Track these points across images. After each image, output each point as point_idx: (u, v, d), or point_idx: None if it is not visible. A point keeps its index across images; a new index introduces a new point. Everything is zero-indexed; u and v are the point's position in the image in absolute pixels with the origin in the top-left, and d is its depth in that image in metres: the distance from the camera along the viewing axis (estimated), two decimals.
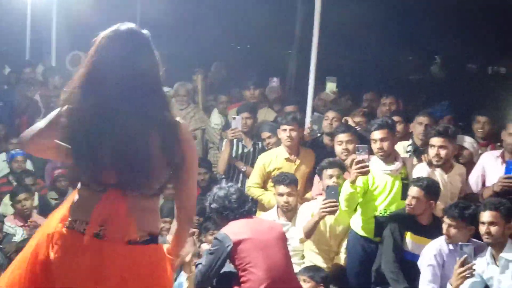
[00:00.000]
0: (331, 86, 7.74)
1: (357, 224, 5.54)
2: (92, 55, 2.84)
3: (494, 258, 4.86)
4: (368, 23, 10.92)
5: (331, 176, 5.52)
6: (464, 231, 4.95)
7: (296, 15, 10.01)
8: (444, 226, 5.00)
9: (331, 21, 8.21)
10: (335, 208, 5.21)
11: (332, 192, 5.21)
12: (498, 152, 5.86)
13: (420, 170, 5.50)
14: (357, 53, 10.86)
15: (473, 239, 5.00)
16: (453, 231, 4.95)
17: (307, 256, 5.68)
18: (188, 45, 10.54)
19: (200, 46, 10.55)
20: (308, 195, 6.13)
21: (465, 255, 4.65)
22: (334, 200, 5.20)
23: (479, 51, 12.27)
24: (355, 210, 5.54)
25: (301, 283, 5.07)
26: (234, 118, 6.74)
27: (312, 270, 5.17)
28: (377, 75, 11.44)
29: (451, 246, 5.00)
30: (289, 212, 5.71)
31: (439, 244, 5.05)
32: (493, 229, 4.78)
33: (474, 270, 4.68)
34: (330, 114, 6.63)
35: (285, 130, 6.19)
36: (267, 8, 10.67)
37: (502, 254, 4.81)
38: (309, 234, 5.40)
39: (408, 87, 11.46)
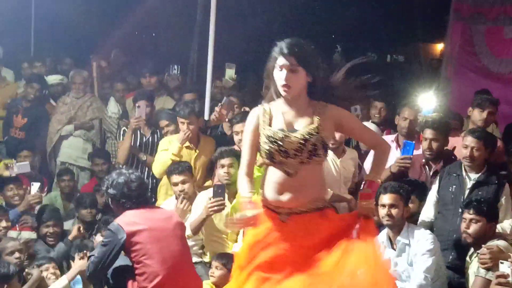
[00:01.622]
0: (230, 73, 7.68)
1: None
2: None
3: (391, 241, 4.94)
4: (267, 11, 10.93)
5: (222, 166, 5.47)
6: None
7: (197, 3, 9.89)
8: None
9: (230, 9, 8.17)
10: (221, 207, 5.16)
11: (219, 191, 5.16)
12: (392, 137, 6.00)
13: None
14: (257, 41, 10.82)
15: None
16: None
17: (206, 245, 5.60)
18: (88, 32, 10.23)
19: (100, 33, 10.25)
20: (208, 183, 6.04)
21: None
22: (221, 198, 5.16)
23: (378, 40, 12.51)
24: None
25: (214, 270, 5.07)
26: (138, 106, 6.58)
27: (225, 258, 5.08)
28: None
29: None
30: (188, 200, 5.60)
31: None
32: (394, 211, 4.87)
33: None
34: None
35: (182, 123, 6.10)
36: None
37: (399, 237, 4.89)
38: (196, 230, 5.35)
39: None
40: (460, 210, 5.06)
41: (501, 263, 4.34)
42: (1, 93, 8.22)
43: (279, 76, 3.51)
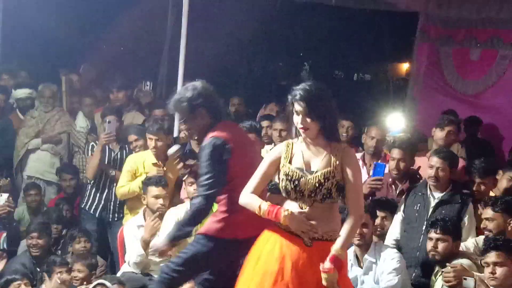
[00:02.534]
0: None
1: None
2: None
3: (358, 259, 4.98)
4: (238, 29, 10.98)
5: (191, 184, 5.47)
6: None
7: (167, 18, 9.90)
8: None
9: (200, 25, 8.20)
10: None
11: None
12: (359, 155, 6.05)
13: None
14: (228, 57, 10.89)
15: None
16: None
17: None
18: (58, 46, 10.17)
19: (70, 47, 10.21)
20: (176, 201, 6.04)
21: None
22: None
23: (346, 58, 12.65)
24: None
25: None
26: (108, 122, 6.55)
27: None
28: (247, 81, 11.56)
29: None
30: (160, 216, 5.58)
31: None
32: (366, 230, 4.91)
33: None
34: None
35: (151, 139, 6.10)
36: (141, 11, 10.50)
37: (366, 256, 4.94)
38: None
39: (279, 92, 11.64)
40: (423, 228, 5.14)
41: (465, 279, 4.42)
42: None
43: (296, 120, 3.76)
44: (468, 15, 8.35)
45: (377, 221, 5.34)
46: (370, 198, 5.52)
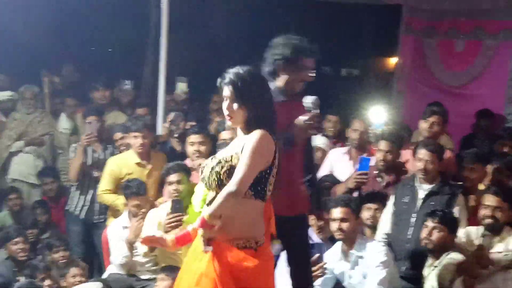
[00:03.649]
0: (182, 86, 7.66)
1: None
2: None
3: (345, 254, 4.93)
4: (220, 25, 10.92)
5: (170, 183, 5.41)
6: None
7: (149, 17, 9.84)
8: (314, 221, 5.04)
9: (182, 22, 8.14)
10: (179, 223, 5.05)
11: (178, 206, 5.09)
12: (345, 149, 6.05)
13: None
14: (210, 54, 10.82)
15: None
16: (324, 224, 5.05)
17: (160, 262, 5.51)
18: (39, 47, 10.07)
19: (51, 48, 10.11)
20: (160, 200, 5.97)
21: (317, 254, 4.70)
22: (180, 213, 5.08)
23: (332, 54, 12.60)
24: None
25: (159, 282, 5.01)
26: (89, 122, 6.49)
27: (170, 269, 5.03)
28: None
29: (316, 240, 5.09)
30: (142, 218, 5.52)
31: None
32: (345, 225, 4.87)
33: (326, 269, 4.75)
34: (172, 116, 6.54)
35: (136, 137, 6.02)
36: (122, 11, 10.44)
37: (352, 251, 4.91)
38: (152, 247, 5.24)
39: None
40: (412, 221, 5.11)
41: None
42: None
43: (223, 105, 3.49)
44: (451, 6, 8.35)
45: (370, 213, 5.35)
46: (358, 192, 5.47)
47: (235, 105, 3.41)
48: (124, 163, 6.08)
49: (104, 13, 10.32)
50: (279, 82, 4.08)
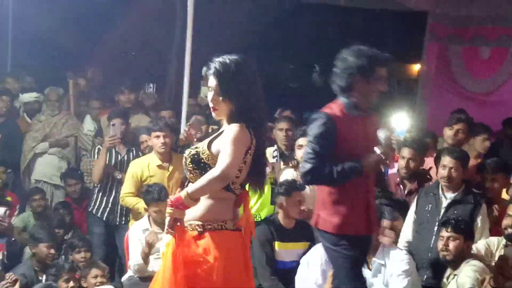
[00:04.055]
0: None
1: None
2: None
3: (367, 262, 4.90)
4: (245, 30, 10.93)
5: None
6: None
7: (175, 21, 9.89)
8: None
9: (207, 27, 8.15)
10: None
11: None
12: None
13: (287, 174, 5.51)
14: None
15: None
16: None
17: None
18: (66, 50, 10.17)
19: (77, 51, 10.20)
20: None
21: None
22: None
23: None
24: None
25: None
26: (113, 124, 6.52)
27: None
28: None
29: None
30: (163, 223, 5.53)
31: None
32: None
33: None
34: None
35: (158, 136, 6.03)
36: (148, 14, 10.50)
37: (374, 258, 4.87)
38: None
39: (290, 95, 11.58)
40: (435, 229, 5.06)
41: None
42: None
43: (208, 96, 3.39)
44: (477, 13, 8.30)
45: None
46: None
47: (220, 97, 3.31)
48: (146, 165, 6.09)
49: (130, 16, 10.39)
50: (355, 95, 3.93)
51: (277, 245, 5.21)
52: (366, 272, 4.86)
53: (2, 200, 6.44)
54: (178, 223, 3.28)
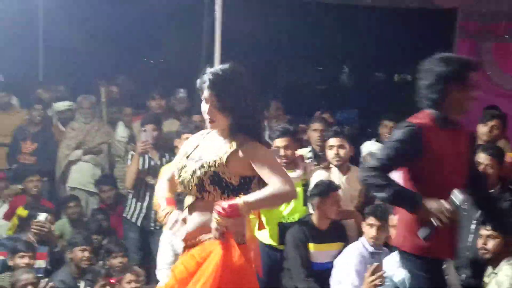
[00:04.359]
0: None
1: (261, 232, 5.43)
2: None
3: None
4: (274, 34, 10.94)
5: None
6: (385, 232, 4.95)
7: (203, 27, 9.92)
8: (367, 228, 4.98)
9: (236, 31, 8.16)
10: None
11: None
12: None
13: (318, 175, 5.49)
14: (262, 64, 10.83)
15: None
16: (377, 231, 4.96)
17: None
18: (96, 57, 10.27)
19: (107, 59, 10.30)
20: None
21: (376, 263, 4.63)
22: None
23: (384, 60, 12.49)
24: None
25: None
26: (144, 130, 6.55)
27: None
28: (285, 86, 11.51)
29: (371, 249, 4.99)
30: None
31: (358, 247, 5.03)
32: None
33: (385, 278, 4.68)
34: None
35: (187, 139, 6.03)
36: (176, 21, 10.55)
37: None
38: None
39: (319, 97, 11.56)
40: (473, 228, 5.01)
41: None
42: (10, 121, 8.23)
43: (203, 108, 3.34)
44: (507, 9, 8.21)
45: None
46: None
47: (216, 109, 3.27)
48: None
49: (159, 23, 10.46)
50: (447, 105, 3.75)
51: (311, 246, 5.19)
52: (404, 272, 4.79)
53: (41, 207, 6.50)
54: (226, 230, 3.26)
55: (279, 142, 5.36)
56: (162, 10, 10.18)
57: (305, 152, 6.11)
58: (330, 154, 5.53)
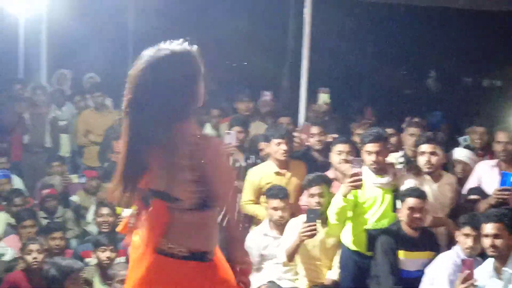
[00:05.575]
0: (324, 98, 7.65)
1: (348, 238, 5.37)
2: None
3: (497, 271, 4.71)
4: (362, 38, 10.87)
5: (312, 195, 5.38)
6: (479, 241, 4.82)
7: (288, 30, 9.96)
8: (463, 238, 4.88)
9: (323, 34, 8.14)
10: (314, 232, 5.04)
11: (312, 215, 5.05)
12: (494, 162, 5.79)
13: (409, 182, 5.38)
14: (351, 67, 10.79)
15: None
16: (473, 242, 4.86)
17: (300, 272, 5.51)
18: None
19: None
20: None
21: (468, 271, 4.51)
22: (314, 223, 5.04)
23: (473, 64, 12.25)
24: (345, 223, 5.38)
25: None
26: (228, 133, 6.59)
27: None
28: (371, 89, 11.42)
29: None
30: (281, 226, 5.55)
31: (452, 256, 4.93)
32: (498, 241, 4.63)
33: (477, 286, 4.55)
34: (315, 129, 6.51)
35: (279, 143, 6.02)
36: (261, 24, 10.63)
37: (505, 268, 4.66)
38: (291, 257, 5.25)
39: (403, 101, 11.42)
40: None
41: None
42: (103, 121, 8.47)
43: None
44: None
45: None
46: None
47: None
48: (263, 173, 6.07)
49: (243, 25, 10.56)
50: None
51: (401, 253, 5.09)
52: (496, 283, 4.69)
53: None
54: None
55: (371, 147, 5.25)
56: (246, 13, 10.28)
57: (397, 156, 6.01)
58: (422, 160, 5.40)
